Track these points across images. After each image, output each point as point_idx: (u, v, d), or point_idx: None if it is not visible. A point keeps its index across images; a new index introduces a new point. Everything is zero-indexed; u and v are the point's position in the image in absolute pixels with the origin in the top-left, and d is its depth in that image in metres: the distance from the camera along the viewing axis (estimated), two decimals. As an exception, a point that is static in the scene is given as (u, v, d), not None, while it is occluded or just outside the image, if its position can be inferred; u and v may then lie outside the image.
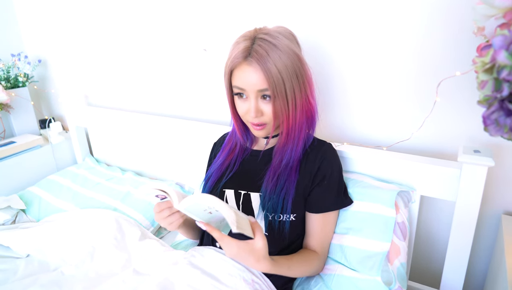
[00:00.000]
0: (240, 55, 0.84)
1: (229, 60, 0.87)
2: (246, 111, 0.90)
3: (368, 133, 1.16)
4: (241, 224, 0.71)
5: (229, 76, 0.90)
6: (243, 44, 0.85)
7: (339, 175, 0.98)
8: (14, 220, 1.44)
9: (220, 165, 1.04)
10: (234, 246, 0.74)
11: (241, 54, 0.84)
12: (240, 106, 0.92)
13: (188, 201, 0.73)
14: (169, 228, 0.91)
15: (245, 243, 0.75)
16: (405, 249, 1.00)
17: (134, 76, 1.70)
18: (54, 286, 1.06)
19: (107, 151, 1.90)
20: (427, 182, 0.99)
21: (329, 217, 0.97)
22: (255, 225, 0.77)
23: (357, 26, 1.06)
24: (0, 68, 1.88)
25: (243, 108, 0.91)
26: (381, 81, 1.08)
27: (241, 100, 0.90)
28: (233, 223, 0.67)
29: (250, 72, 0.84)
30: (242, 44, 0.85)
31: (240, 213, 0.75)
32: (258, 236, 0.76)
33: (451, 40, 0.93)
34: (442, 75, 0.94)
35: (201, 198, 0.71)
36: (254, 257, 0.76)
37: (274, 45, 0.82)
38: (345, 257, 0.98)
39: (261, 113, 0.89)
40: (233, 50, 0.87)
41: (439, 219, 1.11)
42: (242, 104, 0.90)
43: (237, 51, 0.85)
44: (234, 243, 0.74)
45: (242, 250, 0.75)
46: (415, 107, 1.05)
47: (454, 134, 1.01)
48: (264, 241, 0.76)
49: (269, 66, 0.81)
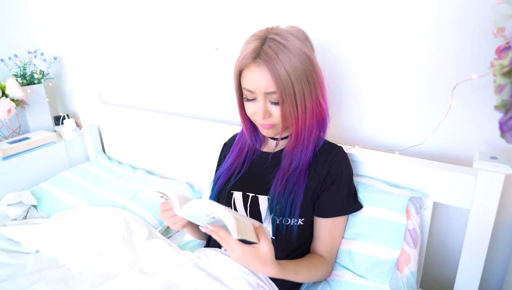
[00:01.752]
0: (249, 56, 0.83)
1: (238, 60, 0.86)
2: (254, 112, 0.89)
3: (380, 137, 1.13)
4: (243, 229, 0.69)
5: (238, 76, 0.88)
6: (253, 44, 0.83)
7: (349, 179, 0.95)
8: (26, 216, 1.46)
9: (229, 166, 1.03)
10: (239, 250, 0.73)
11: (250, 54, 0.82)
12: (248, 107, 0.90)
13: (188, 207, 0.72)
14: (173, 227, 0.91)
15: (250, 247, 0.73)
16: (415, 257, 0.97)
17: (147, 74, 1.71)
18: (61, 283, 1.07)
19: (119, 148, 1.91)
20: (440, 188, 0.95)
21: (337, 222, 0.95)
22: (259, 229, 0.75)
23: (371, 27, 1.04)
24: (16, 65, 1.91)
25: (252, 109, 0.89)
26: (395, 83, 1.05)
27: (250, 101, 0.89)
28: (233, 229, 0.66)
29: (258, 74, 0.82)
30: (252, 44, 0.83)
31: (242, 217, 0.73)
32: (263, 241, 0.74)
33: (468, 42, 0.90)
34: (458, 78, 0.91)
35: (202, 204, 0.69)
36: (260, 261, 0.74)
37: (284, 46, 0.80)
38: (353, 263, 0.96)
39: (269, 115, 0.87)
40: (243, 50, 0.86)
41: (452, 226, 1.08)
42: (251, 105, 0.89)
43: (247, 51, 0.83)
44: (238, 247, 0.73)
45: (247, 254, 0.73)
46: (430, 111, 1.01)
47: (470, 140, 0.97)
48: (270, 246, 0.75)
49: (277, 68, 0.80)
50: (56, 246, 1.24)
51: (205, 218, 0.73)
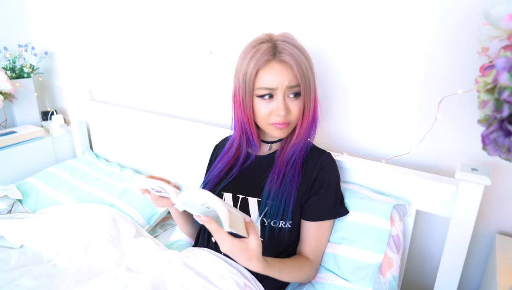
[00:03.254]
0: (267, 54, 0.87)
1: (252, 62, 0.88)
2: (270, 112, 0.91)
3: (367, 145, 1.17)
4: (235, 222, 0.71)
5: (254, 78, 0.89)
6: (264, 45, 0.88)
7: (336, 184, 0.98)
8: (10, 210, 1.44)
9: (220, 171, 1.04)
10: (228, 242, 0.74)
11: (268, 52, 0.87)
12: (263, 108, 0.91)
13: (185, 195, 0.74)
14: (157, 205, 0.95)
15: (239, 241, 0.75)
16: (398, 262, 1.00)
17: (139, 74, 1.71)
18: (46, 278, 1.06)
19: (107, 146, 1.90)
20: (423, 196, 0.99)
21: (324, 225, 0.97)
22: (249, 224, 0.77)
23: (362, 35, 1.07)
24: (6, 58, 1.89)
25: (267, 110, 0.91)
26: (383, 93, 1.09)
27: (264, 101, 0.91)
28: (226, 221, 0.68)
29: (281, 69, 0.87)
30: (263, 46, 0.87)
31: (235, 210, 0.75)
32: (252, 236, 0.76)
33: (456, 58, 0.94)
34: (445, 92, 0.95)
35: (198, 193, 0.71)
36: (247, 255, 0.75)
37: (294, 46, 0.87)
38: (338, 266, 0.98)
39: (289, 111, 0.91)
40: (252, 53, 0.88)
41: (433, 234, 1.12)
42: (266, 105, 0.91)
43: (261, 52, 0.87)
44: (228, 239, 0.74)
45: (235, 247, 0.74)
46: (416, 122, 1.06)
47: (453, 151, 1.02)
48: (258, 241, 0.76)
49: (299, 62, 0.86)
50: (41, 242, 1.22)
51: (200, 207, 0.75)
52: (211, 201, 0.70)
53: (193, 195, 0.72)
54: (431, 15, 0.95)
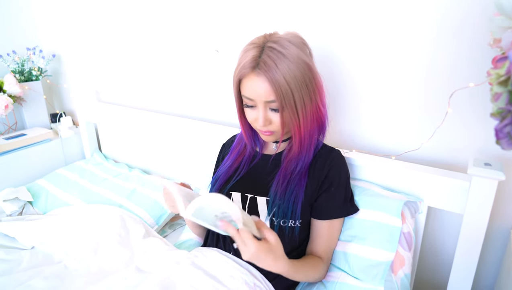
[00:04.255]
0: (248, 65, 0.83)
1: (237, 70, 0.87)
2: (254, 119, 0.90)
3: (377, 142, 1.15)
4: (247, 222, 0.70)
5: (238, 85, 0.89)
6: (251, 52, 0.84)
7: (346, 182, 0.97)
8: (21, 212, 1.46)
9: (228, 168, 1.04)
10: (252, 246, 0.71)
11: (249, 64, 0.83)
12: (249, 114, 0.91)
13: (193, 206, 0.71)
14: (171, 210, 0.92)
15: (262, 242, 0.73)
16: (409, 259, 0.99)
17: (145, 74, 1.71)
18: (57, 279, 1.07)
19: (115, 147, 1.91)
20: (435, 193, 0.98)
21: (334, 223, 0.96)
22: (260, 223, 0.75)
23: (370, 33, 1.06)
24: (15, 61, 1.91)
25: (252, 116, 0.91)
26: (393, 89, 1.07)
27: (250, 108, 0.90)
28: (239, 220, 0.66)
29: (258, 83, 0.83)
30: (250, 53, 0.84)
31: (244, 212, 0.74)
32: (268, 232, 0.74)
33: (466, 51, 0.92)
34: (455, 85, 0.93)
35: (206, 200, 0.69)
36: (272, 256, 0.74)
37: (283, 55, 0.81)
38: (348, 265, 0.97)
39: (270, 122, 0.89)
40: (241, 59, 0.87)
41: (445, 231, 1.10)
42: (251, 112, 0.90)
43: (245, 61, 0.84)
44: (252, 242, 0.71)
45: (260, 249, 0.71)
46: (426, 117, 1.04)
47: (465, 146, 1.00)
48: (277, 237, 0.75)
49: (277, 77, 0.81)
50: (52, 243, 1.23)
51: (213, 217, 0.73)
52: (220, 202, 0.68)
53: (202, 204, 0.70)
54: (440, 9, 0.93)
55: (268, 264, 0.75)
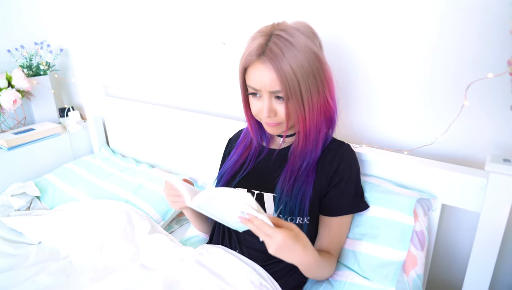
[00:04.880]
0: (254, 53, 0.80)
1: (243, 57, 0.84)
2: (259, 110, 0.87)
3: (389, 136, 1.11)
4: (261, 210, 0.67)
5: (243, 73, 0.86)
6: (258, 40, 0.81)
7: (356, 178, 0.93)
8: (29, 207, 1.46)
9: (234, 163, 1.01)
10: (278, 234, 0.66)
11: (255, 51, 0.80)
12: (253, 105, 0.88)
13: (200, 198, 0.69)
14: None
15: (287, 230, 0.69)
16: (422, 259, 0.95)
17: (153, 68, 1.69)
18: (62, 275, 1.06)
19: (123, 141, 1.90)
20: (449, 190, 0.93)
21: (343, 220, 0.93)
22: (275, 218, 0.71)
23: (382, 22, 1.01)
24: (23, 56, 1.91)
25: (257, 107, 0.88)
26: (406, 80, 1.02)
27: (255, 98, 0.87)
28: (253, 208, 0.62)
29: (263, 72, 0.80)
30: (257, 41, 0.81)
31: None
32: (285, 222, 0.71)
33: (485, 39, 0.87)
34: (472, 77, 0.88)
35: (213, 193, 0.67)
36: (301, 243, 0.70)
37: (290, 43, 0.78)
38: (358, 263, 0.94)
39: (274, 113, 0.85)
40: (248, 46, 0.84)
41: (461, 230, 1.05)
42: (256, 102, 0.87)
43: (252, 48, 0.81)
44: (278, 232, 0.66)
45: (288, 239, 0.67)
46: (441, 110, 0.99)
47: (482, 141, 0.95)
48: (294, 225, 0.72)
49: (283, 66, 0.77)
50: (59, 238, 1.23)
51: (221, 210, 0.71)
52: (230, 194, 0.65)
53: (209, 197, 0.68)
54: None
55: (297, 254, 0.71)
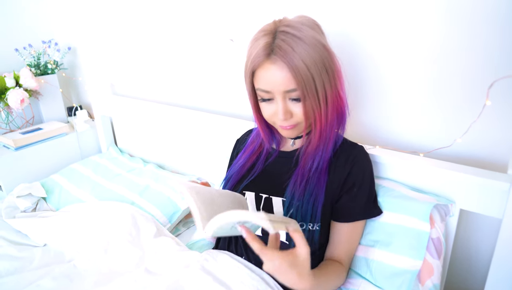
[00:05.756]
0: (261, 53, 0.75)
1: (249, 61, 0.79)
2: (273, 114, 0.82)
3: (404, 137, 1.06)
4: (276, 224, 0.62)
5: (251, 78, 0.81)
6: (263, 40, 0.75)
7: (370, 181, 0.89)
8: (35, 208, 1.45)
9: (241, 167, 0.97)
10: (277, 258, 0.64)
11: (263, 51, 0.75)
12: (265, 109, 0.83)
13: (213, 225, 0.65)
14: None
15: (287, 254, 0.65)
16: (439, 268, 0.89)
17: (160, 66, 1.67)
18: (66, 279, 1.05)
19: (131, 141, 1.88)
20: (469, 195, 0.88)
21: (356, 226, 0.89)
22: (295, 232, 0.67)
23: (396, 15, 0.96)
24: (31, 55, 1.90)
25: (269, 111, 0.82)
26: (422, 78, 0.97)
27: (266, 102, 0.82)
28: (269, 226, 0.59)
29: (275, 72, 0.75)
30: (262, 41, 0.76)
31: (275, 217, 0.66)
32: (301, 243, 0.66)
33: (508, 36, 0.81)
34: (494, 74, 0.83)
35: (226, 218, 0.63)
36: (297, 271, 0.65)
37: (298, 38, 0.73)
38: (370, 272, 0.89)
39: (291, 115, 0.80)
40: (252, 48, 0.78)
41: (480, 237, 1.00)
42: (268, 106, 0.82)
43: (258, 49, 0.76)
44: (277, 254, 0.64)
45: (284, 264, 0.64)
46: (460, 110, 0.93)
47: (505, 143, 0.89)
48: (307, 250, 0.66)
49: (296, 62, 0.72)
50: (64, 240, 1.22)
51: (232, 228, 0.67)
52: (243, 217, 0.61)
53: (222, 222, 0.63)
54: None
55: (290, 279, 0.66)
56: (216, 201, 0.75)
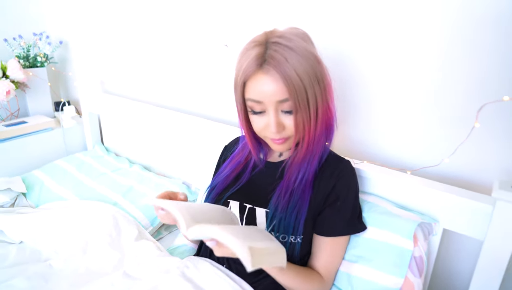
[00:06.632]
0: (253, 63, 0.74)
1: (240, 71, 0.77)
2: (264, 127, 0.81)
3: (392, 153, 1.06)
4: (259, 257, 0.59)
5: (242, 88, 0.79)
6: (254, 50, 0.75)
7: (355, 197, 0.89)
8: (13, 203, 1.40)
9: (226, 177, 0.96)
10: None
11: (255, 62, 0.74)
12: (256, 122, 0.82)
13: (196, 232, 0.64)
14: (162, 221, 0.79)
15: None
16: (420, 287, 0.89)
17: (152, 67, 1.65)
18: (40, 280, 1.01)
19: (117, 140, 1.86)
20: (452, 214, 0.88)
21: (339, 241, 0.88)
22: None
23: (387, 33, 0.96)
24: (20, 46, 1.86)
25: (260, 124, 0.81)
26: (412, 96, 0.98)
27: (257, 115, 0.80)
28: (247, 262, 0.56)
29: (268, 82, 0.74)
30: (253, 51, 0.75)
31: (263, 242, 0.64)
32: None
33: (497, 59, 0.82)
34: (483, 98, 0.84)
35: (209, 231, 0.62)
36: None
37: (291, 48, 0.72)
38: (351, 287, 0.89)
39: (283, 128, 0.79)
40: (243, 59, 0.77)
41: (461, 257, 1.00)
42: (259, 119, 0.80)
43: (249, 59, 0.75)
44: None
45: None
46: (449, 131, 0.94)
47: (491, 166, 0.90)
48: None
49: (289, 72, 0.71)
50: (41, 239, 1.18)
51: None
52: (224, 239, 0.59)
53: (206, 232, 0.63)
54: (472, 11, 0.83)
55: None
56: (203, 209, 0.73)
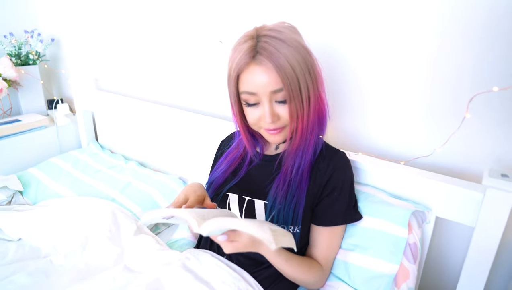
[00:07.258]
0: (246, 56, 0.77)
1: (233, 65, 0.80)
2: (259, 118, 0.83)
3: (385, 145, 1.09)
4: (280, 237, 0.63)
5: (236, 82, 0.82)
6: (246, 44, 0.77)
7: (350, 187, 0.91)
8: (10, 201, 1.40)
9: (223, 172, 0.98)
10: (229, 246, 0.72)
11: (247, 54, 0.76)
12: (250, 114, 0.84)
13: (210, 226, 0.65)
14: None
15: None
16: (414, 272, 0.92)
17: (146, 63, 1.65)
18: (42, 275, 1.02)
19: (112, 137, 1.86)
20: (445, 203, 0.91)
21: (336, 230, 0.91)
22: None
23: (376, 27, 0.99)
24: (11, 44, 1.85)
25: (255, 115, 0.83)
26: (404, 88, 1.00)
27: (251, 107, 0.83)
28: (270, 242, 0.59)
29: (261, 72, 0.76)
30: (245, 45, 0.77)
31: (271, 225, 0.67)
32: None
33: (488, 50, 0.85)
34: (474, 89, 0.86)
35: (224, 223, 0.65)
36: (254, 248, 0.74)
37: (281, 40, 0.75)
38: (348, 275, 0.92)
39: (278, 117, 0.81)
40: (235, 53, 0.79)
41: (453, 243, 1.03)
42: (253, 111, 0.83)
43: (242, 53, 0.77)
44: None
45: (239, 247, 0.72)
46: (440, 121, 0.97)
47: (481, 155, 0.93)
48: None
49: (281, 62, 0.74)
50: (40, 236, 1.18)
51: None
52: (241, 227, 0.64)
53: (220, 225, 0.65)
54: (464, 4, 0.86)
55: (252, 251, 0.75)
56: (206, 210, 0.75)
